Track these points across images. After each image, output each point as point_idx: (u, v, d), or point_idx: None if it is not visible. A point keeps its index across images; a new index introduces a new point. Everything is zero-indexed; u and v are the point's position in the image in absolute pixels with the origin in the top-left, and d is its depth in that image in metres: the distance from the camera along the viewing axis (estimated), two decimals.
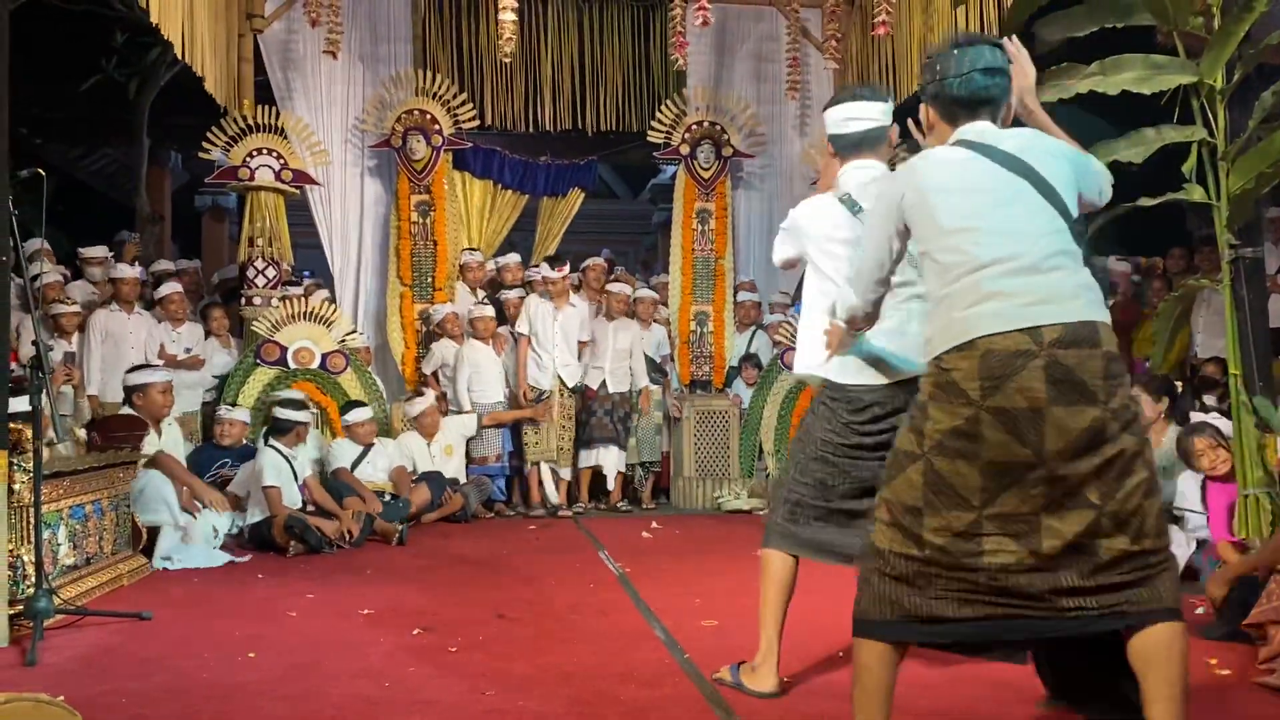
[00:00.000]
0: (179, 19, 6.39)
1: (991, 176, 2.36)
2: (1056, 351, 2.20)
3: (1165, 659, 2.23)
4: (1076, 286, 2.28)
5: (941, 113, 2.54)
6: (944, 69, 2.49)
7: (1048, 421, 2.19)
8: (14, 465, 3.89)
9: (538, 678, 3.29)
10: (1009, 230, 2.30)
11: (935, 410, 2.27)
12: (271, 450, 6.17)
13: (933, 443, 2.27)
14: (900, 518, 2.30)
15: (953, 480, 2.25)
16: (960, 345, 2.25)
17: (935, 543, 2.26)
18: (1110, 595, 2.23)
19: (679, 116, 8.40)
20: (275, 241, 7.84)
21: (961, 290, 2.29)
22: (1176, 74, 4.10)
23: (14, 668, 3.47)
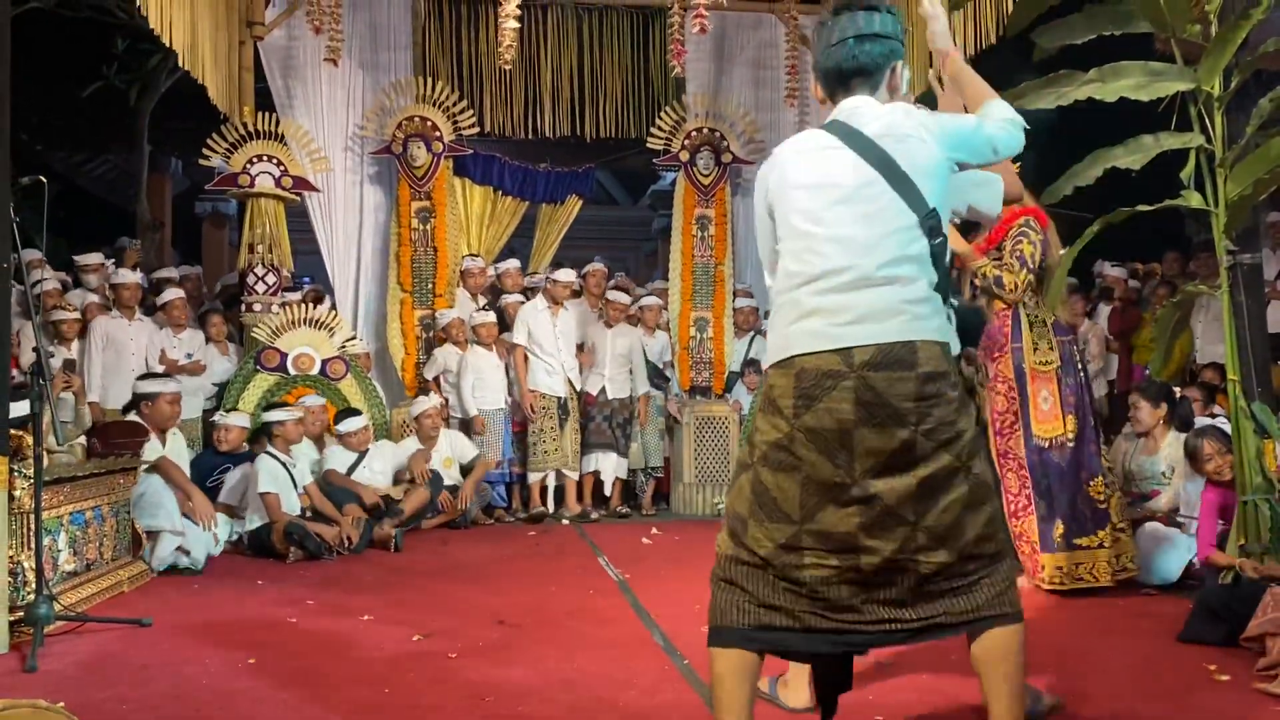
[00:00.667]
0: (180, 26, 6.40)
1: (845, 169, 2.27)
2: (867, 374, 2.18)
3: (993, 661, 2.25)
4: (902, 302, 2.21)
5: (823, 86, 2.43)
6: (824, 40, 2.39)
7: (856, 442, 2.18)
8: (14, 471, 3.90)
9: (537, 684, 3.29)
10: (846, 237, 2.24)
11: (761, 422, 2.29)
12: (268, 457, 6.17)
13: (759, 454, 2.28)
14: (733, 524, 2.33)
15: (774, 493, 2.25)
16: (780, 361, 2.27)
17: (759, 552, 2.26)
18: (926, 607, 2.25)
19: (678, 123, 8.42)
20: (275, 248, 7.84)
21: (789, 304, 2.29)
22: (1174, 81, 4.11)
23: (14, 674, 3.48)
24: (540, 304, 7.66)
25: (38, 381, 3.84)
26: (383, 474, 6.87)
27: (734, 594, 2.31)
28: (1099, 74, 4.16)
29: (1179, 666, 3.45)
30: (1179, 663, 3.49)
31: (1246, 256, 4.17)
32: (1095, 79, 4.16)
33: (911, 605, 2.25)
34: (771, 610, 2.27)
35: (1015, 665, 2.26)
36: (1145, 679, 3.27)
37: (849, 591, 2.24)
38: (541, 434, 7.52)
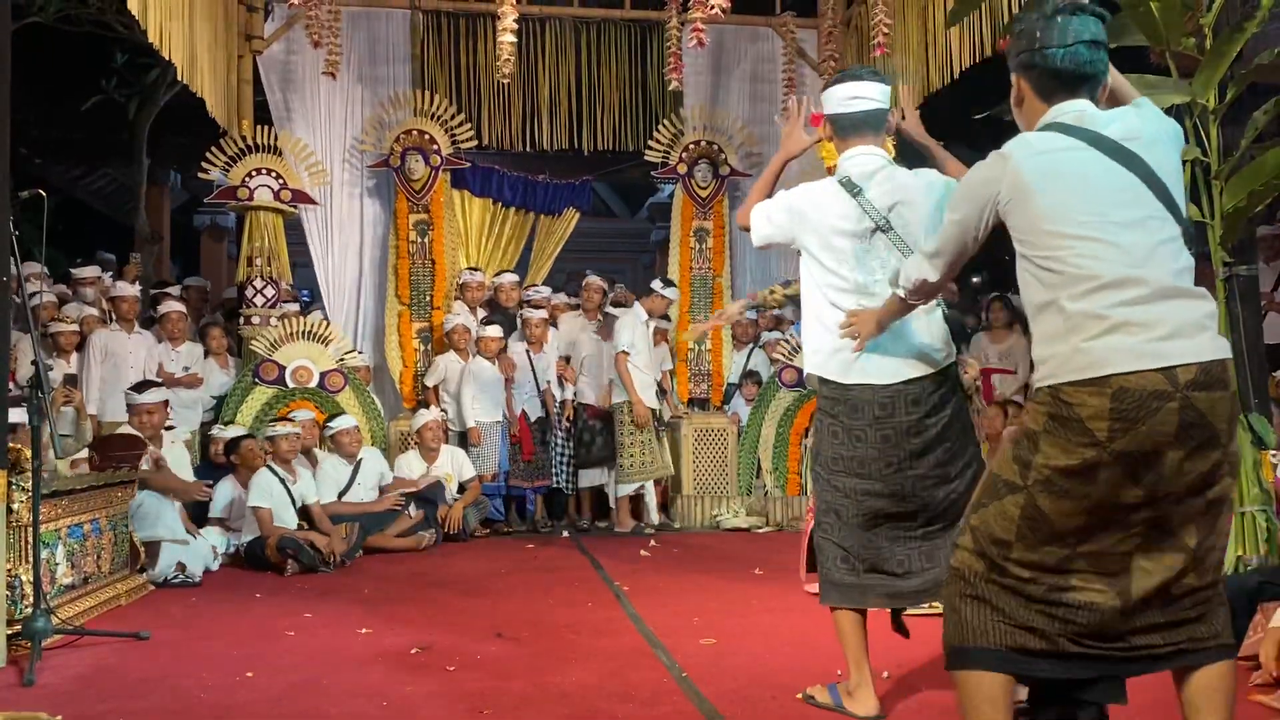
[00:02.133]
0: (179, 40, 6.42)
1: (1102, 172, 2.16)
2: (1192, 394, 2.05)
3: (1218, 697, 2.17)
4: (1203, 316, 2.11)
5: (1036, 86, 2.30)
6: (1045, 37, 2.24)
7: (1167, 463, 2.06)
8: (13, 485, 3.90)
9: (536, 697, 3.29)
10: (1130, 243, 2.11)
11: (1048, 445, 2.11)
12: (266, 471, 6.16)
13: (1040, 478, 2.12)
14: (986, 547, 2.19)
15: (1053, 518, 2.12)
16: (1089, 380, 2.07)
17: (1020, 575, 2.16)
18: (1177, 632, 2.17)
19: (676, 136, 8.45)
20: (274, 261, 7.86)
21: (1085, 314, 2.09)
22: (1169, 94, 4.12)
23: (12, 687, 3.47)
24: (641, 314, 7.61)
25: (36, 395, 3.84)
26: (371, 491, 6.85)
27: (985, 612, 2.17)
28: None
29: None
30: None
31: (1243, 268, 4.18)
32: None
33: (1164, 630, 2.17)
34: (1028, 632, 2.16)
35: (1232, 707, 2.20)
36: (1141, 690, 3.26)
37: (1115, 619, 2.14)
38: (637, 445, 7.46)
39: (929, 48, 7.26)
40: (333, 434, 6.85)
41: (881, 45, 6.82)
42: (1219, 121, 4.11)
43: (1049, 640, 2.15)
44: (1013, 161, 2.21)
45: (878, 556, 3.01)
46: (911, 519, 3.02)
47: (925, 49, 7.31)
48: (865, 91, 3.07)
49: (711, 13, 6.37)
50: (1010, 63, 2.36)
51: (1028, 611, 2.16)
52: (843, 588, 3.02)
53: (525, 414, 7.73)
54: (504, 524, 7.64)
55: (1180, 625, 2.16)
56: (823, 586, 3.08)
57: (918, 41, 7.43)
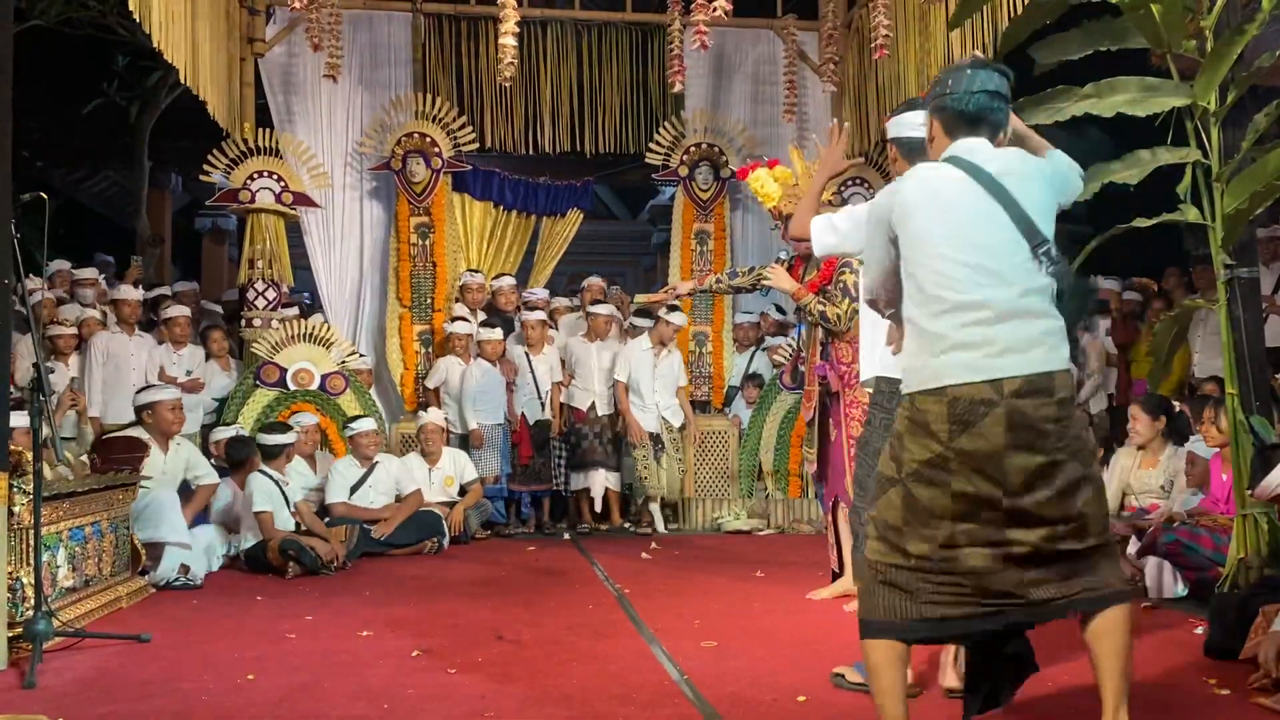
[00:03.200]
0: (181, 43, 6.43)
1: (971, 200, 2.53)
2: (1015, 401, 2.42)
3: (1117, 637, 2.50)
4: (1040, 334, 2.47)
5: (944, 125, 2.69)
6: (954, 85, 2.66)
7: (1006, 461, 2.43)
8: (14, 487, 3.90)
9: (537, 699, 3.29)
10: (986, 268, 2.48)
11: (910, 443, 2.51)
12: (261, 475, 6.16)
13: (909, 470, 2.50)
14: (885, 533, 2.54)
15: (928, 504, 2.48)
16: (931, 390, 2.48)
17: (917, 554, 2.49)
18: (1070, 584, 2.48)
19: (677, 138, 8.45)
20: (275, 263, 7.87)
21: (936, 334, 2.49)
22: (1170, 96, 4.13)
23: (13, 690, 3.47)
24: (645, 343, 7.72)
25: (37, 397, 3.84)
26: (386, 495, 6.85)
27: (894, 595, 2.50)
28: (1095, 89, 4.18)
29: (1178, 680, 3.45)
30: (1178, 677, 3.49)
31: (1244, 271, 4.18)
32: (1092, 94, 4.18)
33: (1057, 584, 2.48)
34: (932, 605, 2.48)
35: (1129, 639, 2.52)
36: (1143, 693, 3.26)
37: (1002, 577, 2.47)
38: (637, 460, 7.64)
39: (930, 51, 7.26)
40: (352, 435, 6.86)
41: (882, 48, 6.82)
42: (1220, 124, 4.11)
43: (951, 605, 2.49)
44: (904, 186, 2.63)
45: None
46: None
47: (927, 52, 7.31)
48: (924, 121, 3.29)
49: (713, 15, 6.37)
50: (927, 106, 2.77)
51: (929, 585, 2.48)
52: None
53: (524, 417, 7.73)
54: (504, 526, 7.64)
55: (1071, 579, 2.49)
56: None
57: (919, 45, 7.44)
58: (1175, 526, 4.75)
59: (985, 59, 2.76)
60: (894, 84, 7.87)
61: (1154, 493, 5.50)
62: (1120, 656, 2.50)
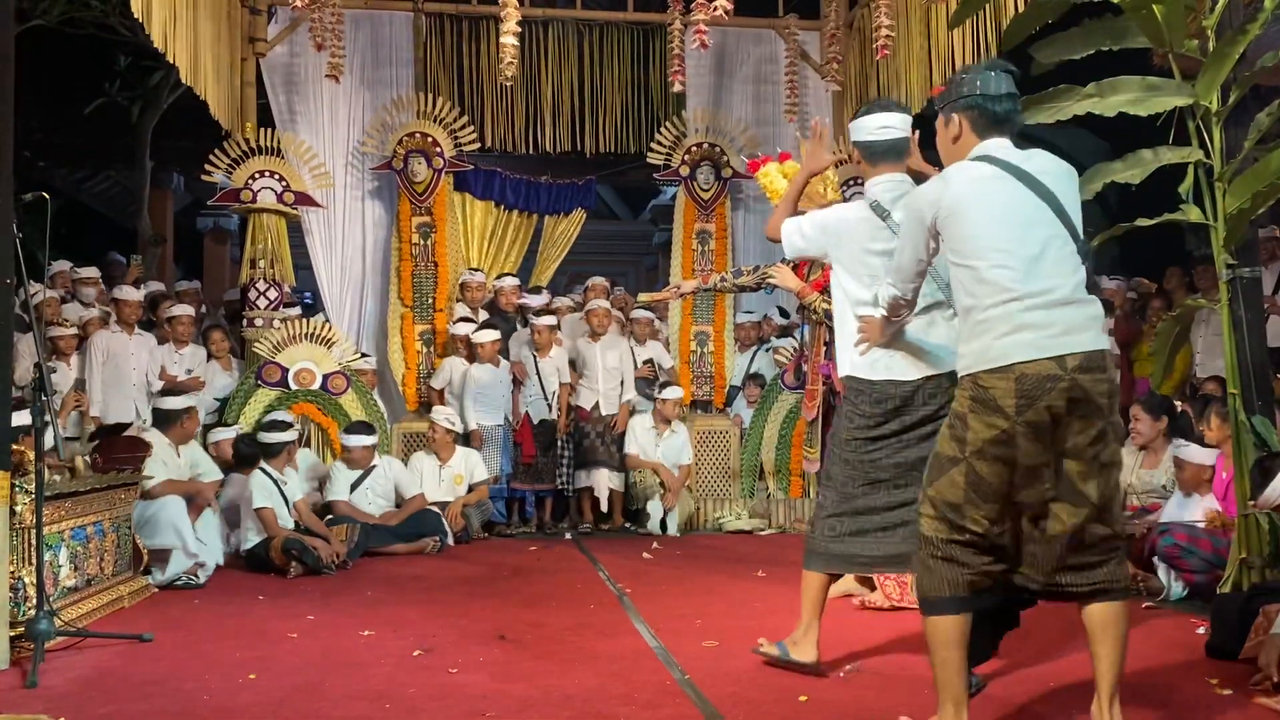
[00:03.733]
0: (183, 43, 6.43)
1: (1020, 200, 2.67)
2: (1077, 376, 2.59)
3: (1113, 628, 2.69)
4: (1090, 318, 2.66)
5: (974, 125, 2.82)
6: (985, 86, 2.79)
7: (1065, 429, 2.61)
8: (16, 487, 3.90)
9: (538, 699, 3.29)
10: (1041, 260, 2.64)
11: (974, 421, 2.65)
12: (260, 474, 6.16)
13: (974, 449, 2.65)
14: (945, 512, 2.70)
15: (989, 479, 2.65)
16: (998, 368, 2.62)
17: (974, 529, 2.67)
18: (1093, 573, 2.70)
19: (679, 138, 8.45)
20: (277, 263, 7.87)
21: (998, 318, 2.63)
22: (1172, 96, 4.13)
23: (15, 689, 3.47)
24: (648, 423, 7.76)
25: (39, 396, 3.85)
26: (384, 497, 6.85)
27: (953, 569, 2.69)
28: (1097, 89, 4.19)
29: (1180, 680, 3.44)
30: (1180, 677, 3.49)
31: (1246, 270, 4.18)
32: (1094, 94, 4.18)
33: (1082, 571, 2.70)
34: (983, 575, 2.70)
35: (1126, 635, 2.72)
36: (1146, 693, 3.26)
37: (1038, 550, 2.70)
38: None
39: (931, 50, 7.26)
40: (345, 446, 6.87)
41: (884, 48, 6.82)
42: (1222, 124, 4.11)
43: (995, 577, 2.72)
44: (952, 184, 2.73)
45: (866, 522, 3.41)
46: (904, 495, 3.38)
47: (928, 52, 7.31)
48: (892, 121, 3.42)
49: (714, 15, 6.37)
50: (949, 104, 2.86)
51: (980, 558, 2.69)
52: (824, 556, 3.46)
53: (529, 416, 7.73)
54: (505, 525, 7.64)
55: (1095, 568, 2.70)
56: (808, 555, 3.50)
57: (920, 44, 7.43)
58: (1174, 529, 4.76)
59: (1002, 62, 2.87)
60: (896, 83, 7.87)
61: (1155, 492, 5.50)
62: (1119, 649, 2.68)
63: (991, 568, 2.70)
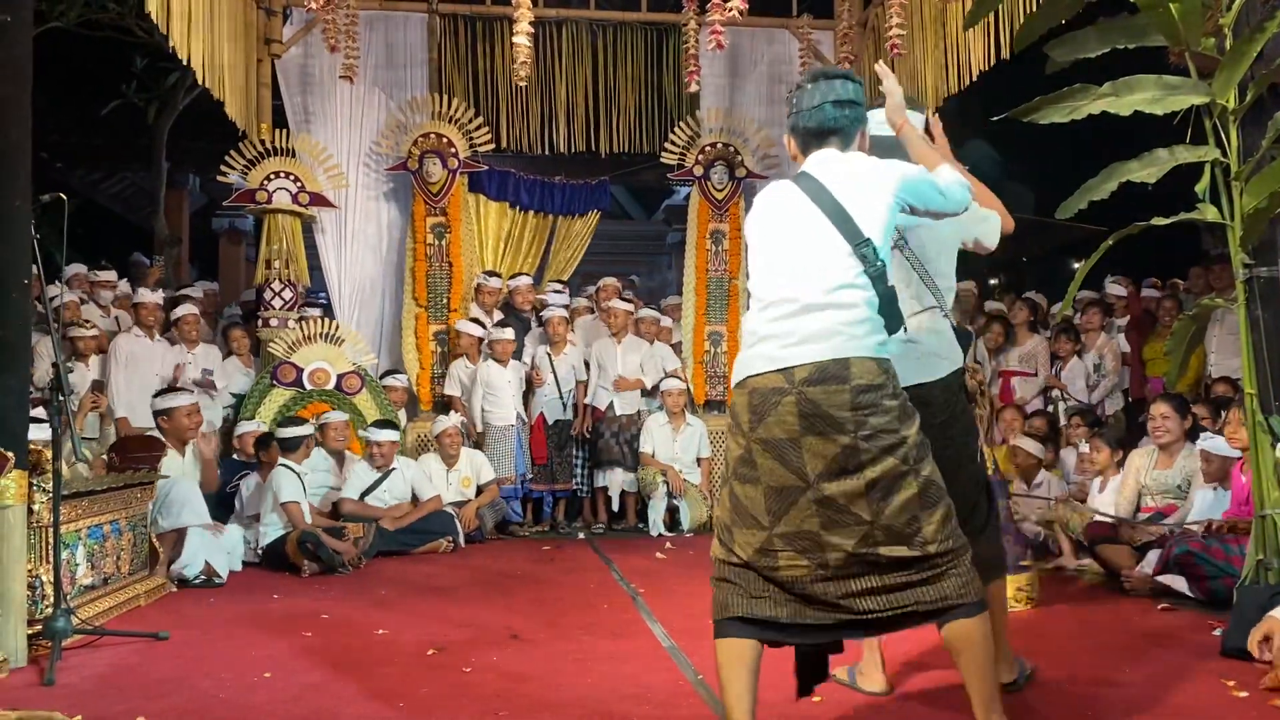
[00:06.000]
0: (199, 44, 6.47)
1: (796, 209, 2.61)
2: (805, 389, 2.47)
3: (964, 648, 2.49)
4: (839, 324, 2.51)
5: (798, 143, 2.76)
6: (798, 103, 2.72)
7: (804, 449, 2.47)
8: (33, 486, 3.93)
9: (551, 699, 3.29)
10: (795, 268, 2.57)
11: (729, 439, 2.62)
12: (284, 469, 6.20)
13: (731, 469, 2.59)
14: (720, 533, 2.63)
15: (745, 502, 2.55)
16: (737, 383, 2.59)
17: (743, 556, 2.56)
18: (899, 595, 2.49)
19: (692, 138, 8.45)
20: (292, 263, 7.91)
21: (749, 330, 2.62)
22: (1189, 94, 4.10)
23: (32, 687, 3.50)
24: (662, 419, 7.76)
25: (56, 397, 3.87)
26: (401, 499, 6.86)
27: (728, 589, 2.58)
28: (1113, 88, 4.16)
29: (1196, 681, 3.42)
30: (1196, 677, 3.47)
31: (1263, 270, 4.14)
32: (1109, 93, 4.15)
33: (885, 595, 2.50)
34: (761, 600, 2.55)
35: (984, 650, 2.50)
36: (1161, 693, 3.25)
37: (825, 588, 2.51)
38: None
39: (945, 50, 7.24)
40: (369, 441, 6.90)
41: (896, 47, 6.80)
42: (1239, 122, 4.08)
43: (779, 608, 2.54)
44: (755, 209, 2.74)
45: None
46: None
47: (942, 51, 7.29)
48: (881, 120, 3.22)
49: (729, 15, 6.36)
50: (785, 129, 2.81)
51: (761, 586, 2.55)
52: None
53: (544, 417, 7.74)
54: (519, 526, 7.65)
55: (902, 589, 2.49)
56: None
57: (934, 43, 7.41)
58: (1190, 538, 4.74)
59: (828, 68, 2.79)
60: (910, 82, 7.85)
61: (1170, 492, 5.47)
62: (975, 668, 2.50)
63: (775, 603, 2.53)
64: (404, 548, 6.55)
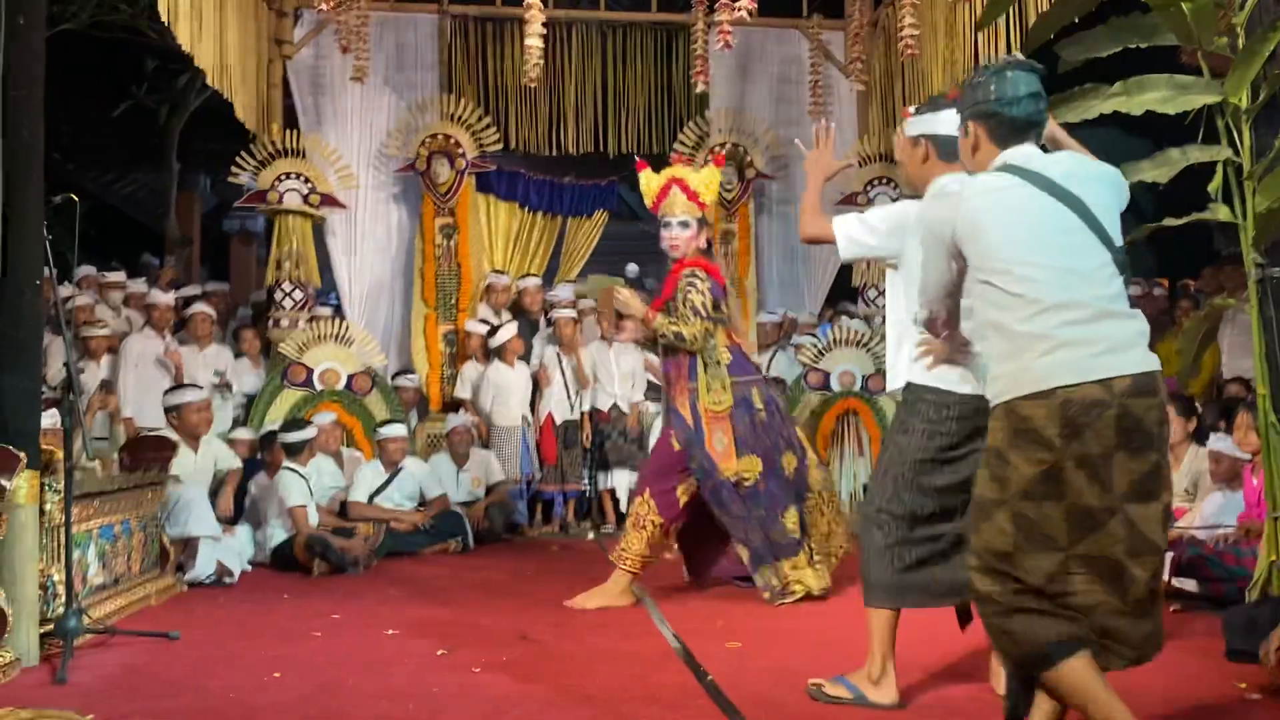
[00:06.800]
0: (210, 46, 6.50)
1: (1042, 207, 2.43)
2: (1127, 401, 2.31)
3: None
4: (1135, 334, 2.40)
5: (992, 134, 2.58)
6: (999, 91, 2.54)
7: (1114, 466, 2.31)
8: (45, 485, 3.94)
9: (560, 699, 3.29)
10: (1069, 269, 2.38)
11: (1016, 457, 2.35)
12: (289, 472, 6.20)
13: (1017, 489, 2.35)
14: (995, 563, 2.38)
15: (1039, 522, 2.34)
16: (1037, 393, 2.33)
17: (1033, 581, 2.34)
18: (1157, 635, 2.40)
19: (702, 138, 8.44)
20: (302, 264, 7.93)
21: (1034, 335, 2.36)
22: (1201, 94, 4.08)
23: (44, 686, 3.51)
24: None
25: (68, 397, 3.89)
26: (410, 499, 6.87)
27: (1032, 617, 2.35)
28: (1124, 88, 4.14)
29: (1209, 684, 3.41)
30: (1209, 680, 3.45)
31: (1275, 270, 4.12)
32: (1121, 93, 4.13)
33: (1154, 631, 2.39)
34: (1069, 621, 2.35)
35: None
36: (1173, 695, 3.23)
37: (1117, 623, 2.34)
38: None
39: (957, 50, 7.22)
40: (380, 439, 6.91)
41: (910, 47, 6.79)
42: (1251, 122, 4.06)
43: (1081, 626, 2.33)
44: (964, 201, 2.50)
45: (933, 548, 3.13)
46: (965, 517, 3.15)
47: (954, 51, 7.27)
48: None
49: (738, 15, 6.36)
50: (964, 111, 2.65)
51: (1053, 606, 2.34)
52: (891, 589, 3.14)
53: (552, 417, 7.74)
54: (528, 526, 7.66)
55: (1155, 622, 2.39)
56: (871, 589, 3.18)
57: (945, 44, 7.40)
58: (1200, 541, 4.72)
59: (1021, 59, 2.65)
60: (921, 82, 7.84)
61: (1178, 495, 5.45)
62: None
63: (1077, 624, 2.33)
64: (413, 548, 6.55)
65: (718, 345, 4.80)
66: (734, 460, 4.70)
